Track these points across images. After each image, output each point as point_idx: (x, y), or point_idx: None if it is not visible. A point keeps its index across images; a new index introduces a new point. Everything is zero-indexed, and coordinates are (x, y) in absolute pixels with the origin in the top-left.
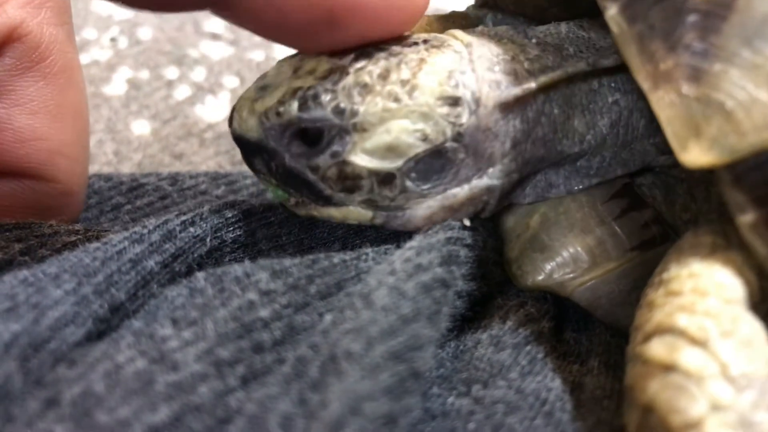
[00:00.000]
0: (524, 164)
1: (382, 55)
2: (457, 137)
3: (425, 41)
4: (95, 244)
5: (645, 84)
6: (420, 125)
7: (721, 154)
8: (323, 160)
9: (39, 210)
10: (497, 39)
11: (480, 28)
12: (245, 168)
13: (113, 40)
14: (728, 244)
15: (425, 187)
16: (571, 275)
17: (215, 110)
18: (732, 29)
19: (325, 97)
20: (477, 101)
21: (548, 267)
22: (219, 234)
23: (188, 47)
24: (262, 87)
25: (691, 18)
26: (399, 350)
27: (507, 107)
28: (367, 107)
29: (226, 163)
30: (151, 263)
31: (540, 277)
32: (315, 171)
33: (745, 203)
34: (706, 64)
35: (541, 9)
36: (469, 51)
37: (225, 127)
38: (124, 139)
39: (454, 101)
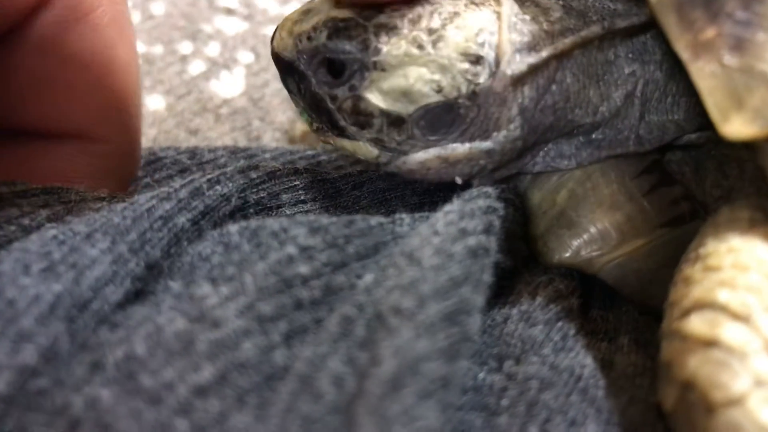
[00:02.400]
0: (530, 132)
1: (422, 2)
2: (472, 96)
3: None
4: (122, 204)
5: (684, 54)
6: (437, 76)
7: (764, 125)
8: (342, 91)
9: (96, 173)
10: (524, 1)
11: None
12: (262, 143)
13: None
14: (767, 219)
15: (431, 137)
16: (599, 252)
17: (230, 86)
18: None
19: (354, 32)
20: (498, 64)
21: (575, 244)
22: (243, 194)
23: (202, 22)
24: (306, 11)
25: None
26: (452, 312)
27: (521, 75)
28: (390, 48)
29: (242, 139)
30: (182, 220)
31: (567, 254)
32: (334, 100)
33: None
34: (749, 34)
35: None
36: (501, 10)
37: (240, 103)
38: None
39: (476, 59)
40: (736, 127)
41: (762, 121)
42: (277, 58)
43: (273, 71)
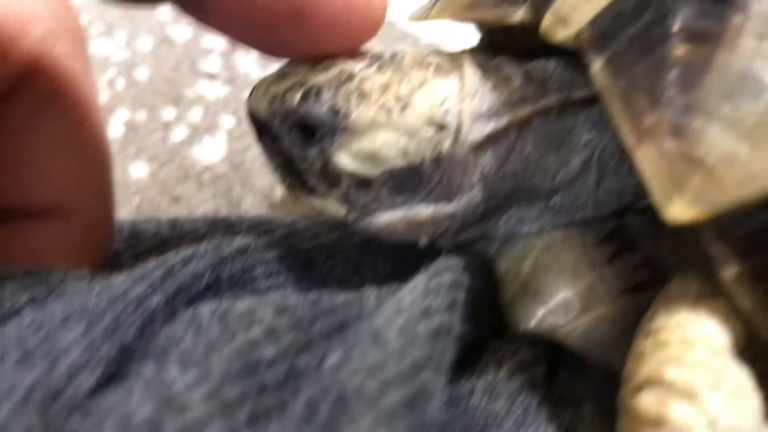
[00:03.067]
0: (491, 197)
1: (391, 68)
2: (436, 161)
3: (436, 66)
4: (98, 286)
5: (629, 139)
6: (403, 142)
7: (703, 209)
8: (312, 152)
9: (73, 247)
10: (487, 68)
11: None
12: (243, 210)
13: (111, 81)
14: (715, 290)
15: (397, 199)
16: (563, 321)
17: (212, 151)
18: (712, 84)
19: (325, 96)
20: (459, 131)
21: (540, 313)
22: (216, 271)
23: (185, 87)
24: (282, 74)
25: (673, 73)
26: (413, 397)
27: (481, 143)
28: (359, 113)
29: (224, 206)
30: (155, 301)
31: (532, 323)
32: (304, 161)
33: (727, 257)
34: (688, 120)
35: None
36: (463, 79)
37: (222, 169)
38: (122, 183)
39: (440, 127)
40: (677, 211)
41: (701, 205)
42: (252, 116)
43: (253, 135)
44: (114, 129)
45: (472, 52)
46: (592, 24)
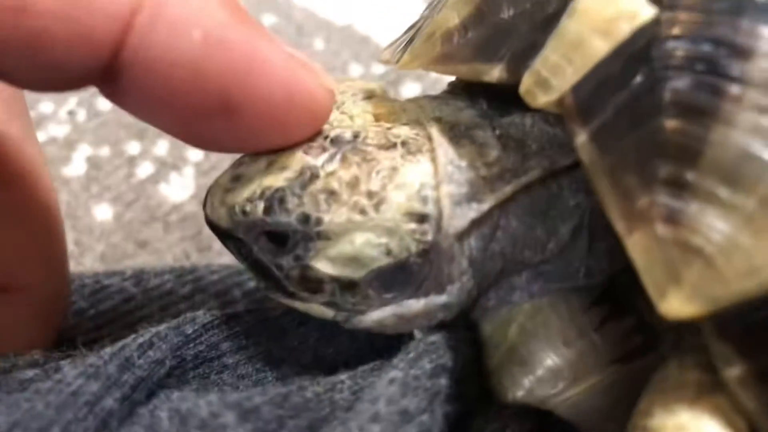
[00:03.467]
0: (483, 279)
1: (356, 159)
2: (422, 253)
3: (404, 144)
4: (48, 384)
5: (619, 225)
6: (384, 239)
7: (704, 304)
8: (287, 261)
9: (22, 321)
10: (458, 136)
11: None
12: (212, 256)
13: (71, 113)
14: (715, 382)
15: (387, 295)
16: (553, 391)
17: (180, 189)
18: (709, 164)
19: (291, 203)
20: (440, 219)
21: (528, 382)
22: (179, 353)
23: None
24: (236, 177)
25: (665, 150)
26: None
27: (465, 229)
28: (332, 216)
29: (193, 249)
30: (109, 401)
31: (520, 393)
32: (280, 269)
33: (731, 356)
34: (683, 204)
35: None
36: (436, 158)
37: (190, 208)
38: (85, 227)
39: (421, 218)
40: (675, 305)
41: (701, 299)
42: (212, 225)
43: (222, 168)
44: (75, 167)
45: (440, 102)
46: (575, 90)
